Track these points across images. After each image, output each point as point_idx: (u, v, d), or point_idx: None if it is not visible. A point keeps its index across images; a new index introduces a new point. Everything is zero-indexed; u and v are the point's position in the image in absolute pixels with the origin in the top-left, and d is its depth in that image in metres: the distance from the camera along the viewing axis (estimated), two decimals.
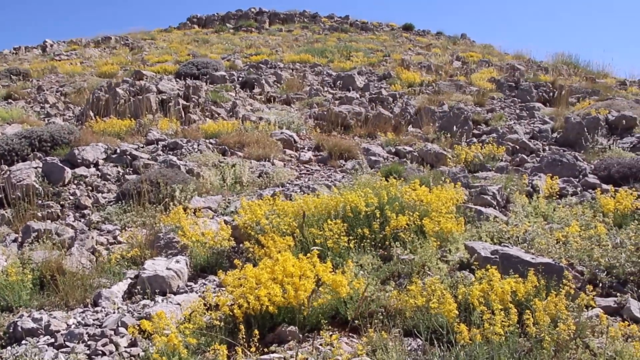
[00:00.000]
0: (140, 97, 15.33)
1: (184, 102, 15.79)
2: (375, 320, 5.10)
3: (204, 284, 6.52)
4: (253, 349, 4.59)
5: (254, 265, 5.68)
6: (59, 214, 9.14)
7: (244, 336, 4.66)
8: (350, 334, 5.26)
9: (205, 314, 5.25)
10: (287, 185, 10.32)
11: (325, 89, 20.28)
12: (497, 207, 8.34)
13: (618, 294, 5.72)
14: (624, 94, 18.55)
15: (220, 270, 5.76)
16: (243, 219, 7.28)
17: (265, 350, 4.75)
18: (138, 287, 6.28)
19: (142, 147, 12.22)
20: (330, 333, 5.17)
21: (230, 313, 5.05)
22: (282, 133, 13.53)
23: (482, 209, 7.81)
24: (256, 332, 4.67)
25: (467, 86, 19.60)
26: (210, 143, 12.58)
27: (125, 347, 5.04)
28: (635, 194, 7.95)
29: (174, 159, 10.96)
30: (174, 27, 41.11)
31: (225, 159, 11.63)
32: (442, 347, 4.62)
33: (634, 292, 5.78)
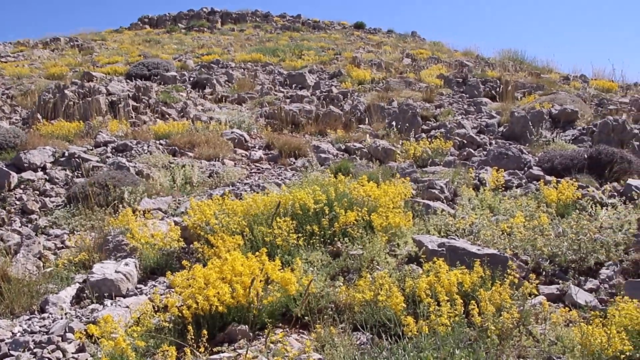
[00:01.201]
0: (90, 98, 15.08)
1: (134, 103, 15.61)
2: (325, 316, 5.15)
3: (154, 285, 6.47)
4: (202, 349, 4.58)
5: (204, 266, 5.67)
6: (5, 219, 8.94)
7: (193, 337, 4.65)
8: (301, 331, 5.30)
9: (154, 316, 5.22)
10: (238, 184, 10.32)
11: (277, 87, 20.29)
12: (444, 201, 8.48)
13: (560, 282, 5.90)
14: (567, 89, 19.03)
15: (169, 272, 5.73)
16: (192, 219, 7.25)
17: (215, 350, 4.74)
18: (86, 291, 6.19)
19: (91, 150, 12.03)
20: (280, 330, 5.21)
21: (180, 314, 5.02)
22: (232, 132, 13.50)
23: (430, 202, 7.93)
24: (205, 332, 4.66)
25: (417, 83, 19.83)
26: (161, 144, 12.47)
27: (72, 353, 4.97)
28: (576, 184, 8.20)
29: (124, 160, 10.83)
30: (125, 28, 40.51)
31: (175, 159, 11.55)
32: (390, 339, 4.69)
33: (575, 279, 5.98)
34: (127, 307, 5.66)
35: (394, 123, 13.90)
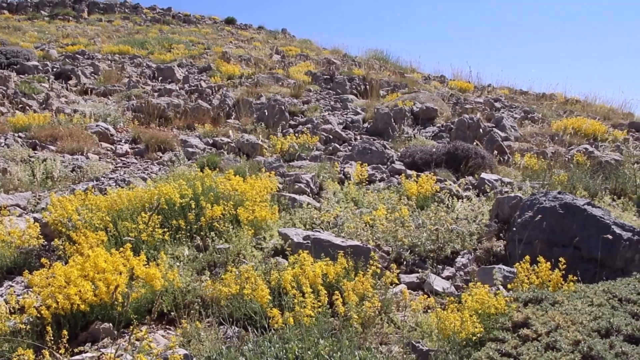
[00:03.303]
0: None
1: None
2: (192, 311, 5.10)
3: (10, 286, 6.11)
4: (62, 351, 4.38)
5: (65, 263, 5.44)
6: None
7: (53, 338, 4.44)
8: (167, 326, 5.24)
9: (9, 318, 4.92)
10: (102, 179, 9.97)
11: (145, 80, 19.77)
12: (310, 195, 8.61)
13: (420, 270, 6.19)
14: (428, 88, 19.94)
15: (27, 271, 5.43)
16: (53, 215, 6.92)
17: (77, 350, 4.56)
18: None
19: None
20: (146, 327, 5.11)
21: (38, 315, 4.78)
22: (97, 126, 12.99)
23: (297, 196, 8.02)
24: (65, 332, 4.47)
25: (285, 79, 19.98)
26: (20, 137, 11.77)
27: None
28: (434, 178, 8.60)
29: None
30: None
31: (36, 153, 10.94)
32: (256, 332, 4.71)
33: (434, 267, 6.29)
34: None
35: (264, 118, 13.94)
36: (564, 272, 5.04)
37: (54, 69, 19.54)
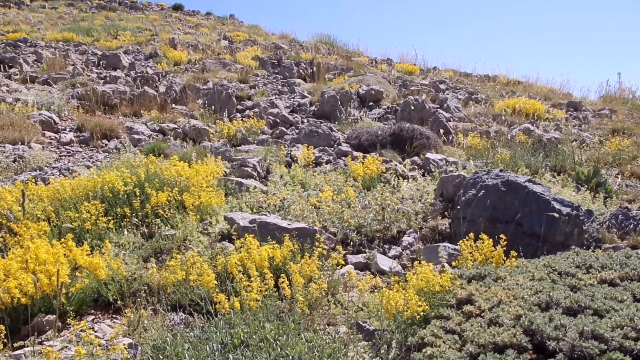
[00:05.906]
0: None
1: None
2: (139, 299, 5.05)
3: None
4: (0, 346, 4.28)
5: (5, 256, 5.32)
6: None
7: None
8: (114, 316, 5.18)
9: None
10: (46, 168, 9.78)
11: (90, 68, 19.37)
12: (257, 178, 8.59)
13: (367, 250, 6.24)
14: (374, 71, 20.05)
15: None
16: None
17: (18, 345, 4.47)
18: None
19: None
20: (92, 317, 5.05)
21: None
22: (41, 115, 12.68)
23: (243, 180, 8.00)
24: (2, 327, 4.36)
25: (233, 64, 19.84)
26: None
27: None
28: (380, 159, 8.68)
29: None
30: None
31: None
32: (203, 318, 4.70)
33: (380, 247, 6.36)
34: None
35: (211, 103, 13.83)
36: (505, 248, 5.17)
37: None
